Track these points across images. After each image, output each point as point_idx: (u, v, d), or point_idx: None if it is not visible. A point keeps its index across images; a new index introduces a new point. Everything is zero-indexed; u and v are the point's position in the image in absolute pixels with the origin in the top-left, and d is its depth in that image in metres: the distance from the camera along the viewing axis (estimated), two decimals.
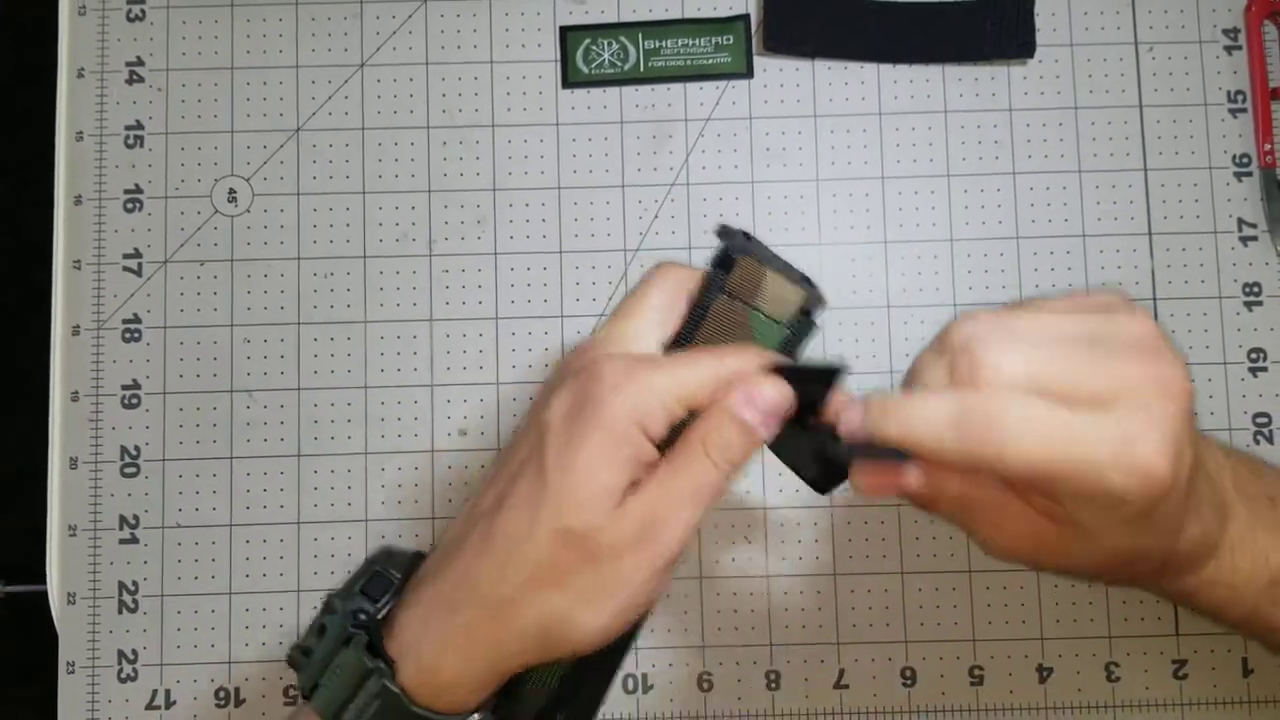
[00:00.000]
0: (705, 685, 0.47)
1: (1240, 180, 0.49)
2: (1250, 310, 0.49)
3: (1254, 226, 0.49)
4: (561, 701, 0.34)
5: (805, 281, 0.35)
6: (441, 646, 0.32)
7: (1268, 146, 0.49)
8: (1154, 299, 0.49)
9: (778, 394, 0.32)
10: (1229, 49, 0.50)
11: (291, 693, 0.47)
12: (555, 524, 0.31)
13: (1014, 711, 0.47)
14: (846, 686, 0.47)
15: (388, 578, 0.34)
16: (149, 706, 0.47)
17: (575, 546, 0.31)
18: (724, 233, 0.35)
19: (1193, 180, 0.49)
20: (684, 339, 0.34)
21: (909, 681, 0.47)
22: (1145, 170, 0.49)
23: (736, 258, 0.35)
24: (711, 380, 0.32)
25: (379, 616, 0.34)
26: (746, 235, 0.35)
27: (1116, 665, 0.47)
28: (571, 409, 0.32)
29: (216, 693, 0.47)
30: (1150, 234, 0.49)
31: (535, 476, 0.32)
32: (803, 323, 0.35)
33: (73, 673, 0.47)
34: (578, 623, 0.31)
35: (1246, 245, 0.49)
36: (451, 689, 0.32)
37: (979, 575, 0.47)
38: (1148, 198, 0.49)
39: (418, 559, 0.35)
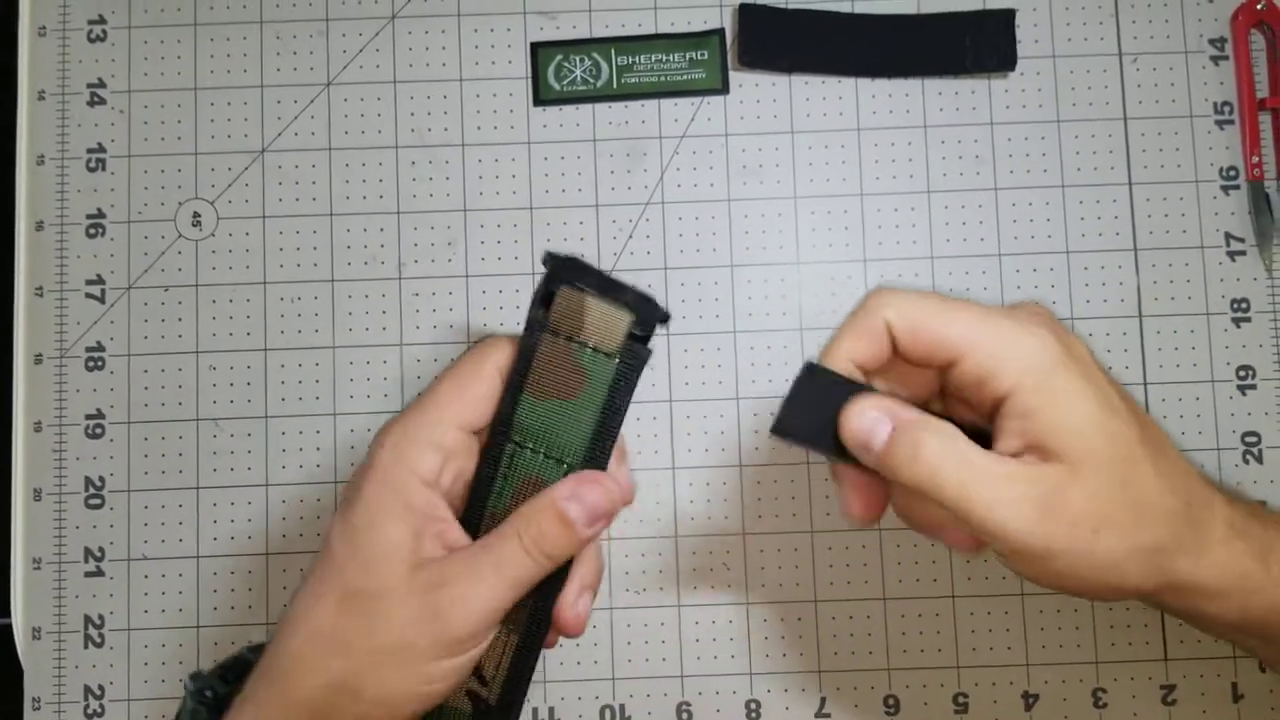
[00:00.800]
0: (684, 715, 0.46)
1: (1227, 193, 0.48)
2: (1238, 327, 0.48)
3: (1241, 241, 0.48)
4: None
5: (640, 302, 0.33)
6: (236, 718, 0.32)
7: (1255, 159, 0.48)
8: (1140, 315, 0.48)
9: (607, 498, 0.32)
10: (1215, 59, 0.49)
11: None
12: (340, 587, 0.31)
13: None
14: (828, 715, 0.46)
15: (250, 661, 0.34)
16: None
17: (359, 609, 0.30)
18: (548, 259, 0.33)
19: (1179, 194, 0.48)
20: (514, 388, 0.33)
21: (892, 710, 0.46)
22: (1130, 184, 0.48)
23: (555, 290, 0.33)
24: (454, 396, 0.32)
25: (221, 695, 0.35)
26: (573, 260, 0.33)
27: (1104, 691, 0.46)
28: (355, 477, 0.32)
29: None
30: (1135, 249, 0.48)
31: (323, 550, 0.32)
32: (635, 350, 0.33)
33: (38, 709, 0.46)
34: (362, 691, 0.30)
35: (1234, 260, 0.48)
36: None
37: (962, 601, 0.46)
38: (1132, 212, 0.48)
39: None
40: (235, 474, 0.47)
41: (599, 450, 0.34)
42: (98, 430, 0.47)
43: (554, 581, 0.34)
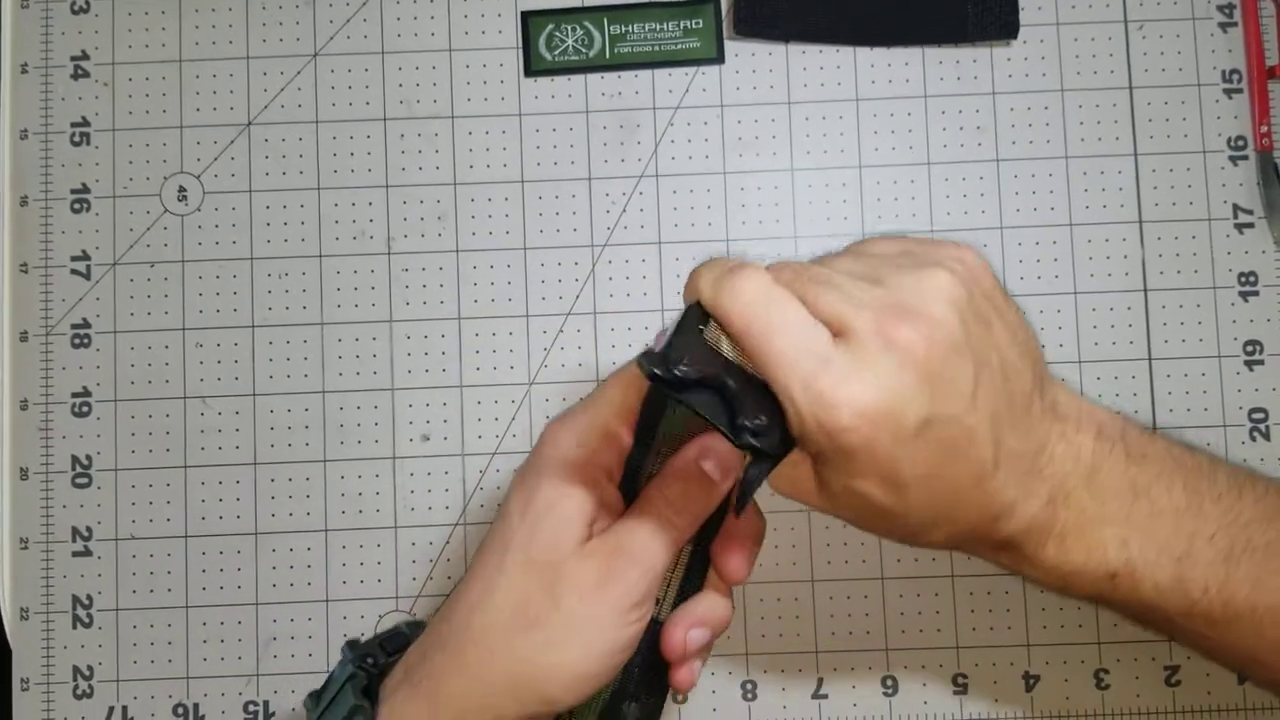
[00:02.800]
0: (680, 697, 0.46)
1: (1235, 164, 0.47)
2: (1246, 301, 0.46)
3: (1250, 213, 0.47)
4: None
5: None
6: (411, 693, 0.32)
7: (1264, 128, 0.47)
8: (1145, 289, 0.47)
9: (733, 450, 0.33)
10: (1224, 26, 0.47)
11: (251, 708, 0.46)
12: (522, 557, 0.32)
13: None
14: (825, 696, 0.45)
15: (409, 636, 0.36)
16: None
17: (541, 579, 0.32)
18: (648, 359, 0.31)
19: (1185, 165, 0.47)
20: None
21: (890, 690, 0.45)
22: (1135, 155, 0.47)
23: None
24: (622, 391, 0.33)
25: (383, 665, 0.35)
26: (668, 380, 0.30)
27: (1106, 672, 0.45)
28: (524, 469, 0.34)
29: (175, 709, 0.46)
30: (1141, 222, 0.47)
31: (501, 525, 0.33)
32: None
33: (27, 690, 0.46)
34: (546, 666, 0.31)
35: (1242, 232, 0.47)
36: None
37: (961, 580, 0.46)
38: (1138, 184, 0.47)
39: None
40: (223, 452, 0.46)
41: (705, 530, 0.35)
42: (84, 408, 0.46)
43: (709, 529, 0.35)
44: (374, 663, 0.35)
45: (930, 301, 0.29)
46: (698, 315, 0.31)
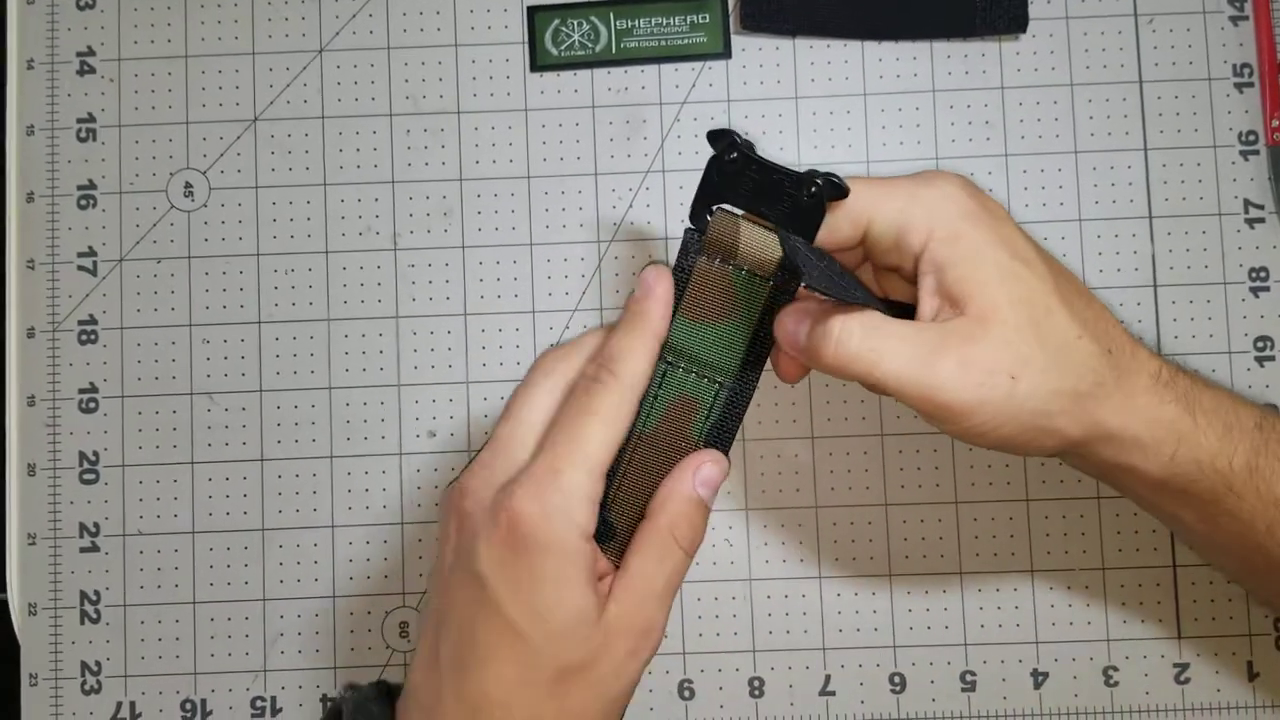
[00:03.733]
0: (686, 693, 0.45)
1: (1246, 159, 0.46)
2: (1257, 296, 0.46)
3: (1261, 208, 0.46)
4: None
5: (795, 203, 0.33)
6: None
7: (1276, 123, 0.46)
8: (1155, 285, 0.46)
9: (719, 469, 0.33)
10: (1234, 19, 0.47)
11: (259, 704, 0.46)
12: (553, 666, 0.30)
13: (1007, 718, 0.45)
14: (833, 693, 0.45)
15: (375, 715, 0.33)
16: (114, 719, 0.46)
17: (578, 678, 0.31)
18: (714, 137, 0.33)
19: (1196, 159, 0.47)
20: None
21: (898, 688, 0.45)
22: (1145, 150, 0.47)
23: (710, 211, 0.33)
24: (609, 438, 0.32)
25: None
26: (732, 157, 0.33)
27: (1115, 670, 0.45)
28: (505, 551, 0.30)
29: (183, 705, 0.46)
30: (1151, 217, 0.47)
31: (503, 630, 0.30)
32: (788, 273, 0.33)
33: (35, 685, 0.46)
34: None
35: (1253, 228, 0.46)
36: None
37: (970, 577, 0.45)
38: (1148, 179, 0.47)
39: (385, 702, 0.34)
40: (230, 448, 0.46)
41: (750, 372, 0.34)
42: (91, 405, 0.47)
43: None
44: None
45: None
46: (693, 239, 0.34)
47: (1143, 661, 0.45)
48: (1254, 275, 0.46)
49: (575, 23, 0.47)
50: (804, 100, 0.47)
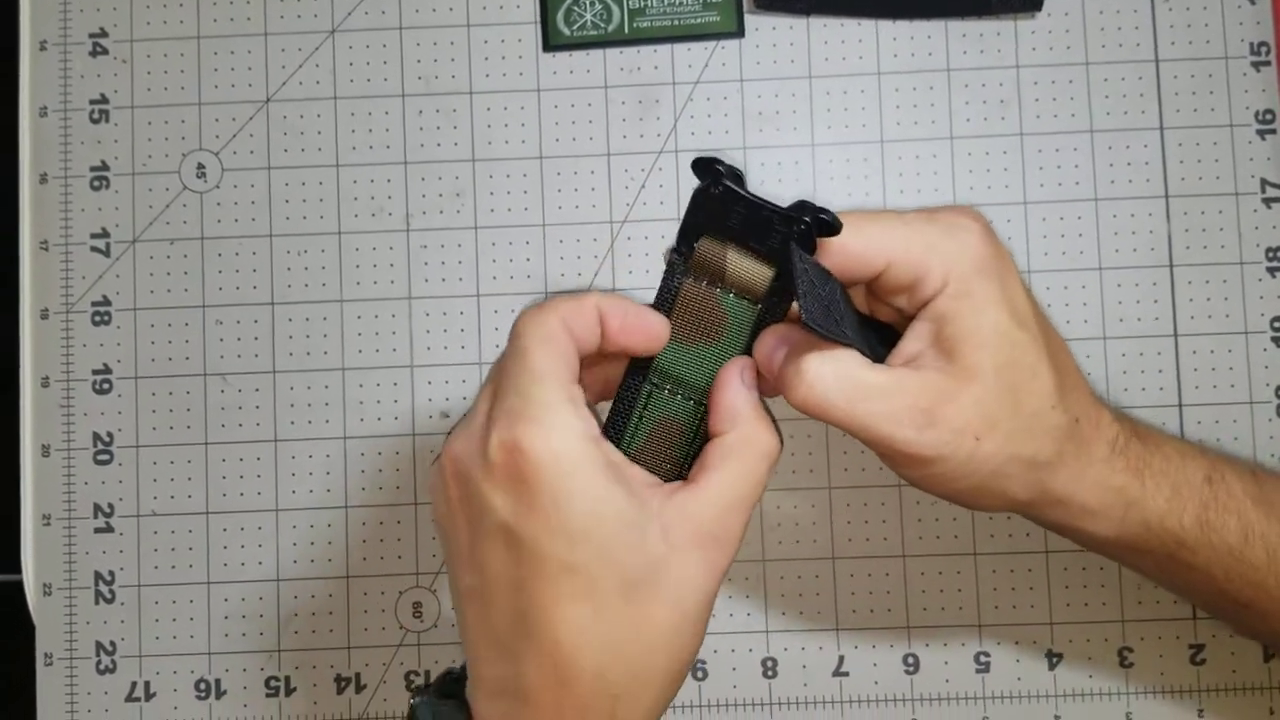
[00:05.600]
0: (700, 673, 0.45)
1: (1264, 138, 0.46)
2: (1274, 276, 0.46)
3: (1278, 187, 0.46)
4: None
5: (784, 238, 0.32)
6: None
7: None
8: (1171, 265, 0.46)
9: (753, 367, 0.33)
10: None
11: (273, 684, 0.46)
12: (616, 584, 0.29)
13: (1022, 699, 0.45)
14: (846, 674, 0.45)
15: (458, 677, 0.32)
16: (129, 699, 0.46)
17: (646, 593, 0.29)
18: (699, 168, 0.32)
19: (1212, 139, 0.46)
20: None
21: (911, 669, 0.45)
22: (1161, 129, 0.46)
23: (696, 239, 0.32)
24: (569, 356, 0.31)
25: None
26: (718, 191, 0.32)
27: (1130, 650, 0.45)
28: (512, 484, 0.29)
29: (197, 684, 0.46)
30: (1167, 196, 0.46)
31: (549, 571, 0.29)
32: (777, 299, 0.33)
33: (50, 664, 0.46)
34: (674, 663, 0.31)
35: (1270, 207, 0.46)
36: None
37: (984, 558, 0.45)
38: (1164, 158, 0.46)
39: (459, 704, 0.32)
40: (243, 429, 0.46)
41: None
42: (105, 386, 0.47)
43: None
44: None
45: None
46: (677, 262, 0.33)
47: (1158, 642, 0.45)
48: (1270, 255, 0.46)
49: (588, 2, 0.47)
50: (818, 79, 0.47)
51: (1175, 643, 0.45)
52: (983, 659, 0.45)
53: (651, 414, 0.33)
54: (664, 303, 0.33)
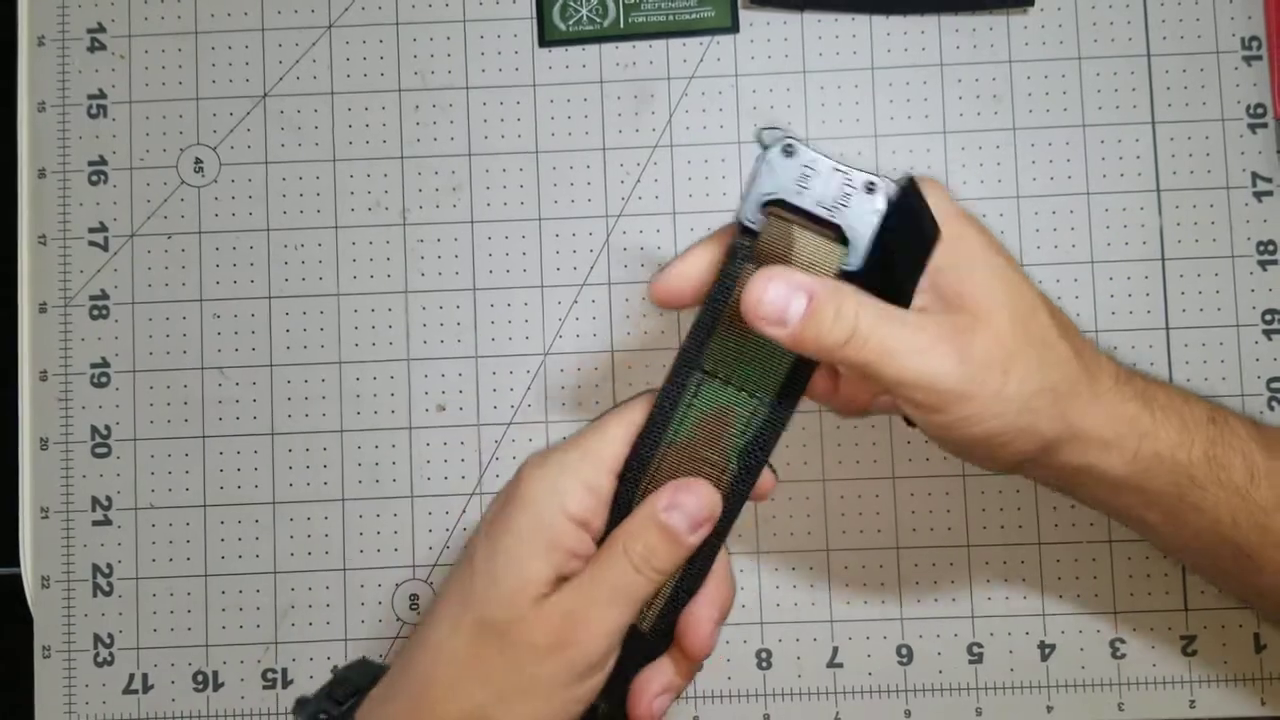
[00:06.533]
0: None
1: (1255, 132, 0.46)
2: (1265, 270, 0.46)
3: (1269, 181, 0.46)
4: None
5: (856, 228, 0.31)
6: None
7: None
8: (1163, 258, 0.46)
9: (704, 504, 0.31)
10: None
11: (270, 676, 0.46)
12: (476, 615, 0.31)
13: (1015, 690, 0.45)
14: (840, 665, 0.46)
15: (355, 683, 0.34)
16: (126, 690, 0.46)
17: (495, 640, 0.31)
18: (761, 140, 0.31)
19: (1204, 133, 0.47)
20: (710, 315, 0.32)
21: (905, 660, 0.45)
22: (1153, 123, 0.47)
23: (761, 221, 0.31)
24: (621, 437, 0.32)
25: (338, 716, 0.34)
26: (789, 148, 0.31)
27: (1122, 642, 0.45)
28: (496, 508, 0.32)
29: (194, 676, 0.46)
30: (1159, 190, 0.47)
31: (463, 572, 0.32)
32: (845, 279, 0.31)
33: (48, 657, 0.46)
34: (502, 718, 0.31)
35: (1261, 201, 0.46)
36: None
37: (977, 550, 0.46)
38: (1156, 152, 0.47)
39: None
40: (241, 423, 0.47)
41: (793, 387, 0.32)
42: (103, 379, 0.47)
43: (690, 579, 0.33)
44: (327, 717, 0.34)
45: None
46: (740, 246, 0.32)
47: (1150, 634, 0.45)
48: (1262, 248, 0.46)
49: None
50: (812, 75, 0.47)
51: (1167, 634, 0.45)
52: (976, 650, 0.45)
53: (703, 403, 0.32)
54: (723, 288, 0.32)
